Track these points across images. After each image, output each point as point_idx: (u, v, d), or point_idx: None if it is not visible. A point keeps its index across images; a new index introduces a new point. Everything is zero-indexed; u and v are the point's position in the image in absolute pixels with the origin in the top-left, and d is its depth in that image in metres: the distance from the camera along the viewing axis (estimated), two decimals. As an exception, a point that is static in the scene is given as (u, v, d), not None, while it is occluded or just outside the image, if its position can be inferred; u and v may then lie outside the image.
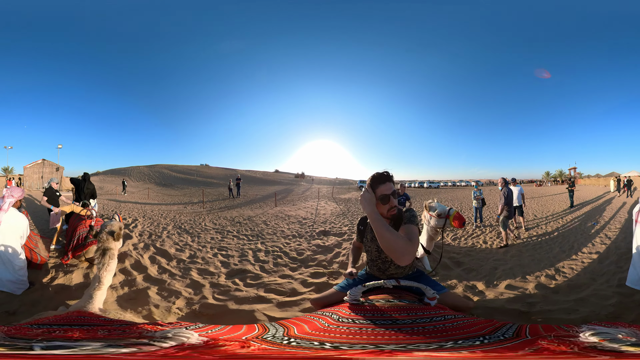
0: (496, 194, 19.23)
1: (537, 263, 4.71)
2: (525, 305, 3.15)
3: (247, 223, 9.00)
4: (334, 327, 1.41)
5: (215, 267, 4.62)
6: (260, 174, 60.39)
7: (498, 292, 3.60)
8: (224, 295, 3.59)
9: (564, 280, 3.88)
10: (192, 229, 7.54)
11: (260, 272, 4.47)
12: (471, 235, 6.96)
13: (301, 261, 5.03)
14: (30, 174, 31.48)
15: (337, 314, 1.55)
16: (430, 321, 1.41)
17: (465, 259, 5.03)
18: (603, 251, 5.06)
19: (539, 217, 10.01)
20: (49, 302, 3.20)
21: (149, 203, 15.72)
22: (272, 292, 3.69)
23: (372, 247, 2.06)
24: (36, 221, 8.07)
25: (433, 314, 1.50)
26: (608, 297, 3.20)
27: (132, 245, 5.59)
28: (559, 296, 3.40)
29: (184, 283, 3.94)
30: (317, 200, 18.00)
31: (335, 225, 8.79)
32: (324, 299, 2.09)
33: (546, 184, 46.64)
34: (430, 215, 3.81)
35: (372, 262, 2.10)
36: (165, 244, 5.78)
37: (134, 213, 10.30)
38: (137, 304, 3.30)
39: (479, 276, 4.21)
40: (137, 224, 7.78)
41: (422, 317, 1.46)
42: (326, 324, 1.45)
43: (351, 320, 1.45)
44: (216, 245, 5.90)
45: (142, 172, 51.75)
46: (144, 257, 4.88)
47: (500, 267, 4.55)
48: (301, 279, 4.12)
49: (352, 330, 1.35)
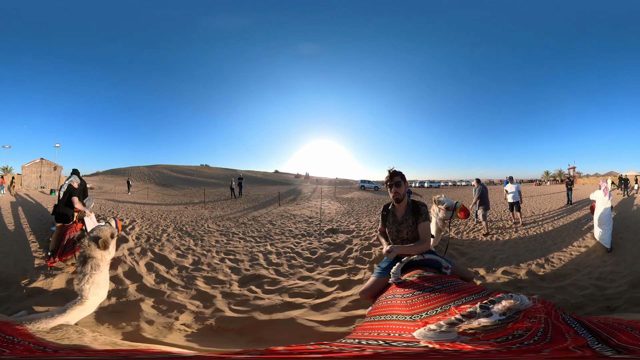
0: (495, 192, 19.43)
1: (530, 253, 5.11)
2: (515, 288, 3.57)
3: (252, 224, 8.46)
4: (405, 302, 1.72)
5: (224, 274, 4.11)
6: (261, 174, 59.85)
7: (496, 276, 4.03)
8: (243, 305, 3.11)
9: (551, 269, 4.22)
10: (194, 231, 6.98)
11: (276, 275, 4.05)
12: (472, 229, 7.26)
13: (316, 260, 4.79)
14: (29, 173, 30.95)
15: (397, 294, 1.88)
16: (451, 285, 1.80)
17: (469, 249, 5.49)
18: (592, 246, 5.28)
19: (536, 214, 10.12)
20: (16, 303, 2.96)
21: (148, 203, 15.18)
22: (297, 296, 3.40)
23: (392, 229, 2.49)
24: (31, 221, 7.56)
25: (451, 279, 1.90)
26: (584, 288, 3.47)
27: (128, 249, 5.05)
28: (544, 283, 3.77)
29: (188, 294, 3.40)
30: (319, 200, 17.53)
31: (342, 223, 8.50)
32: (371, 288, 2.27)
33: (545, 183, 46.30)
34: (439, 208, 4.30)
35: (393, 242, 2.50)
36: (165, 249, 5.22)
37: (132, 214, 9.76)
38: (122, 318, 2.77)
39: (480, 263, 4.64)
40: (135, 226, 7.23)
41: (446, 282, 1.84)
42: (401, 301, 1.76)
43: (411, 294, 1.79)
44: (222, 249, 5.35)
45: (142, 172, 51.24)
46: (140, 264, 4.33)
47: (499, 256, 4.97)
48: (322, 279, 3.95)
49: (419, 300, 1.68)
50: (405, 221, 2.43)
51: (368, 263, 4.52)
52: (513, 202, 8.18)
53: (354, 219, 9.35)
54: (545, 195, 19.73)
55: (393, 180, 2.43)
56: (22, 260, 4.26)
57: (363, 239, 6.05)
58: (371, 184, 30.92)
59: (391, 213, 2.53)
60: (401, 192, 2.42)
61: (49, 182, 30.50)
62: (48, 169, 31.79)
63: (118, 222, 3.45)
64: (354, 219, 9.52)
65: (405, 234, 2.42)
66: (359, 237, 6.27)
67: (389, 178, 2.45)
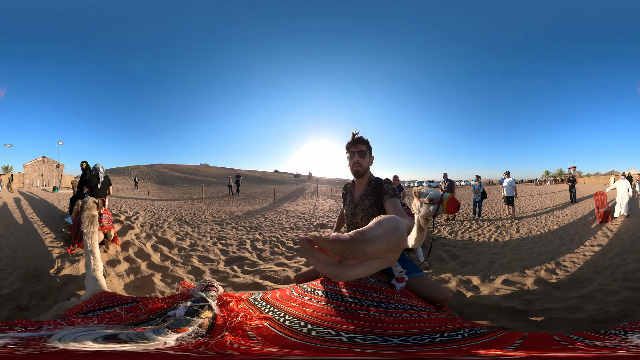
0: (495, 191, 19.44)
1: (536, 256, 4.54)
2: (524, 302, 2.87)
3: (246, 216, 9.18)
4: (296, 297, 1.36)
5: (214, 254, 4.81)
6: (260, 174, 60.50)
7: (494, 287, 3.38)
8: (223, 281, 3.75)
9: (565, 275, 3.66)
10: (192, 221, 7.71)
11: (257, 259, 4.64)
12: (468, 229, 6.96)
13: (297, 250, 5.09)
14: (31, 171, 31.58)
15: (309, 285, 1.48)
16: (395, 308, 1.26)
17: (462, 252, 4.87)
18: (606, 244, 4.92)
19: (538, 212, 10.00)
20: (58, 293, 3.13)
21: (149, 198, 15.86)
22: (267, 279, 3.80)
23: (347, 211, 2.09)
24: (40, 215, 8.22)
25: (400, 300, 1.35)
26: (615, 293, 2.97)
27: (135, 235, 5.76)
28: (560, 292, 3.15)
29: (185, 269, 4.12)
30: (315, 198, 18.17)
31: (333, 219, 9.01)
32: (306, 274, 2.08)
33: (545, 183, 46.63)
34: (421, 202, 3.35)
35: (347, 227, 2.14)
36: (167, 234, 5.95)
37: (135, 207, 10.45)
38: (144, 291, 3.44)
39: (474, 270, 4.05)
40: (139, 217, 7.93)
41: (386, 300, 1.31)
42: (293, 292, 1.42)
43: (313, 291, 1.38)
44: (216, 235, 6.08)
45: (141, 171, 51.79)
46: (147, 246, 5.06)
47: (498, 261, 4.39)
48: (296, 267, 4.23)
49: (311, 303, 1.27)
50: (361, 202, 1.97)
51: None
52: (507, 196, 8.73)
53: None
54: (547, 194, 19.34)
55: (357, 148, 1.91)
56: (42, 251, 4.49)
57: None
58: None
59: (349, 191, 2.10)
60: (363, 165, 1.93)
61: (50, 180, 31.13)
62: (50, 167, 32.44)
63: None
64: None
65: (360, 219, 1.98)
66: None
67: (351, 144, 1.93)
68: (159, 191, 24.37)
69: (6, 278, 3.40)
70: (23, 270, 3.65)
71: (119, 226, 6.43)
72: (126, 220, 7.25)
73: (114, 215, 7.82)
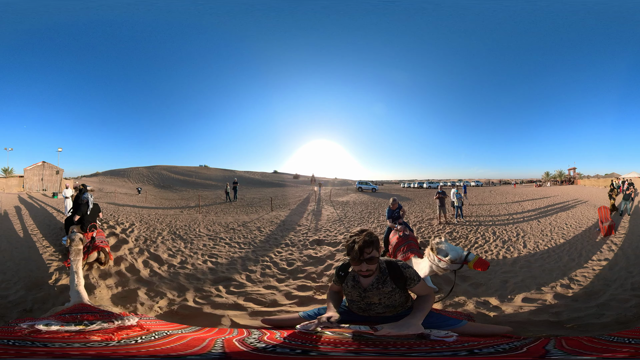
0: (496, 193, 18.67)
1: (548, 273, 4.67)
2: (553, 315, 3.17)
3: (241, 229, 9.30)
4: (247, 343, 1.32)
5: (202, 273, 4.96)
6: (259, 175, 60.67)
7: (516, 305, 3.47)
8: (204, 299, 3.89)
9: (579, 288, 3.93)
10: (186, 235, 7.88)
11: (245, 281, 4.62)
12: (474, 244, 6.92)
13: (290, 272, 5.01)
14: (31, 176, 31.81)
15: (273, 342, 1.43)
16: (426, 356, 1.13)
17: (472, 272, 4.59)
18: (612, 258, 5.22)
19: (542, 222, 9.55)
20: (56, 299, 3.74)
21: (146, 207, 16.06)
22: (251, 301, 3.83)
23: (353, 293, 2.02)
24: (40, 227, 8.42)
25: (446, 346, 1.25)
26: (627, 300, 3.39)
27: (128, 249, 5.97)
28: (579, 304, 3.43)
29: (170, 286, 4.33)
30: (314, 204, 18.18)
31: (331, 233, 8.62)
32: (279, 321, 2.05)
33: (545, 184, 46.43)
34: (439, 258, 2.95)
35: (352, 302, 2.06)
36: (159, 249, 6.14)
37: (131, 217, 10.65)
38: (127, 301, 3.83)
39: (489, 291, 4.05)
40: (134, 229, 8.13)
41: (423, 350, 1.18)
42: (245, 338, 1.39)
43: (270, 346, 1.29)
44: (207, 253, 6.24)
45: (141, 173, 51.94)
46: (138, 262, 5.29)
47: (511, 280, 4.41)
48: (286, 291, 4.15)
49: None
50: (375, 289, 1.95)
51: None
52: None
53: (344, 228, 9.45)
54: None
55: (364, 256, 1.80)
56: (42, 265, 4.97)
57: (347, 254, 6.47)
58: (369, 186, 31.40)
59: (351, 277, 2.03)
60: (373, 268, 1.87)
61: (50, 185, 31.36)
62: (50, 172, 32.65)
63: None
64: (344, 227, 9.63)
65: (378, 300, 1.95)
66: (343, 252, 6.00)
67: (358, 252, 1.79)
68: (157, 197, 24.57)
69: (12, 287, 4.09)
70: (26, 281, 4.29)
71: (114, 239, 6.65)
72: (122, 233, 7.47)
73: (110, 227, 8.06)
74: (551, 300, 3.61)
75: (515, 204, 16.31)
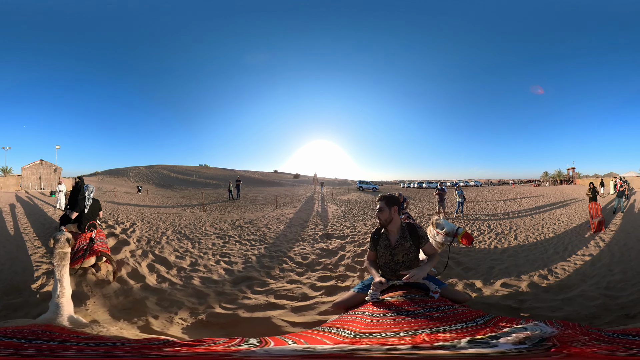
0: (495, 192, 19.09)
1: (531, 263, 4.93)
2: (517, 302, 3.43)
3: (248, 227, 8.79)
4: (370, 321, 1.72)
5: (218, 274, 4.44)
6: (259, 175, 60.15)
7: (494, 289, 3.83)
8: (232, 303, 3.44)
9: (555, 280, 4.08)
10: (192, 234, 7.31)
11: (266, 278, 4.34)
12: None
13: (307, 265, 4.97)
14: (28, 174, 31.18)
15: (367, 312, 1.86)
16: (436, 310, 1.79)
17: (465, 258, 5.22)
18: (596, 254, 5.18)
19: (536, 219, 9.82)
20: (34, 308, 3.12)
21: (147, 205, 15.48)
22: (282, 298, 3.61)
23: (385, 253, 2.43)
24: (34, 225, 7.85)
25: (437, 304, 1.88)
26: (594, 299, 3.40)
27: (130, 252, 5.38)
28: (548, 295, 3.62)
29: (186, 292, 3.74)
30: (317, 202, 17.85)
31: (337, 227, 8.71)
32: (346, 301, 2.33)
33: (544, 184, 46.47)
34: (437, 232, 3.83)
35: (385, 264, 2.45)
36: (165, 251, 5.56)
37: (132, 217, 10.07)
38: (133, 314, 3.14)
39: (477, 275, 4.45)
40: (135, 229, 7.54)
41: (430, 307, 1.82)
42: (366, 319, 1.76)
43: (382, 314, 1.77)
44: (218, 252, 5.68)
45: (140, 172, 51.41)
46: (142, 265, 4.67)
47: (497, 267, 4.76)
48: (310, 283, 4.10)
49: (387, 322, 1.67)
50: (400, 245, 2.40)
51: (359, 271, 4.57)
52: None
53: (350, 223, 9.54)
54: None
55: (377, 206, 2.45)
56: (29, 267, 4.39)
57: (357, 245, 6.23)
58: (369, 185, 31.39)
59: (384, 237, 2.48)
60: (382, 218, 2.41)
61: (48, 184, 30.74)
62: (48, 171, 32.03)
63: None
64: (349, 222, 9.71)
65: (401, 257, 2.40)
66: (353, 243, 6.41)
67: (376, 202, 2.49)
68: (158, 195, 24.01)
69: (-13, 289, 3.47)
70: (6, 283, 3.76)
71: (113, 240, 6.05)
72: (122, 233, 6.86)
73: (109, 227, 7.45)
74: (525, 288, 3.82)
75: (511, 202, 16.75)
